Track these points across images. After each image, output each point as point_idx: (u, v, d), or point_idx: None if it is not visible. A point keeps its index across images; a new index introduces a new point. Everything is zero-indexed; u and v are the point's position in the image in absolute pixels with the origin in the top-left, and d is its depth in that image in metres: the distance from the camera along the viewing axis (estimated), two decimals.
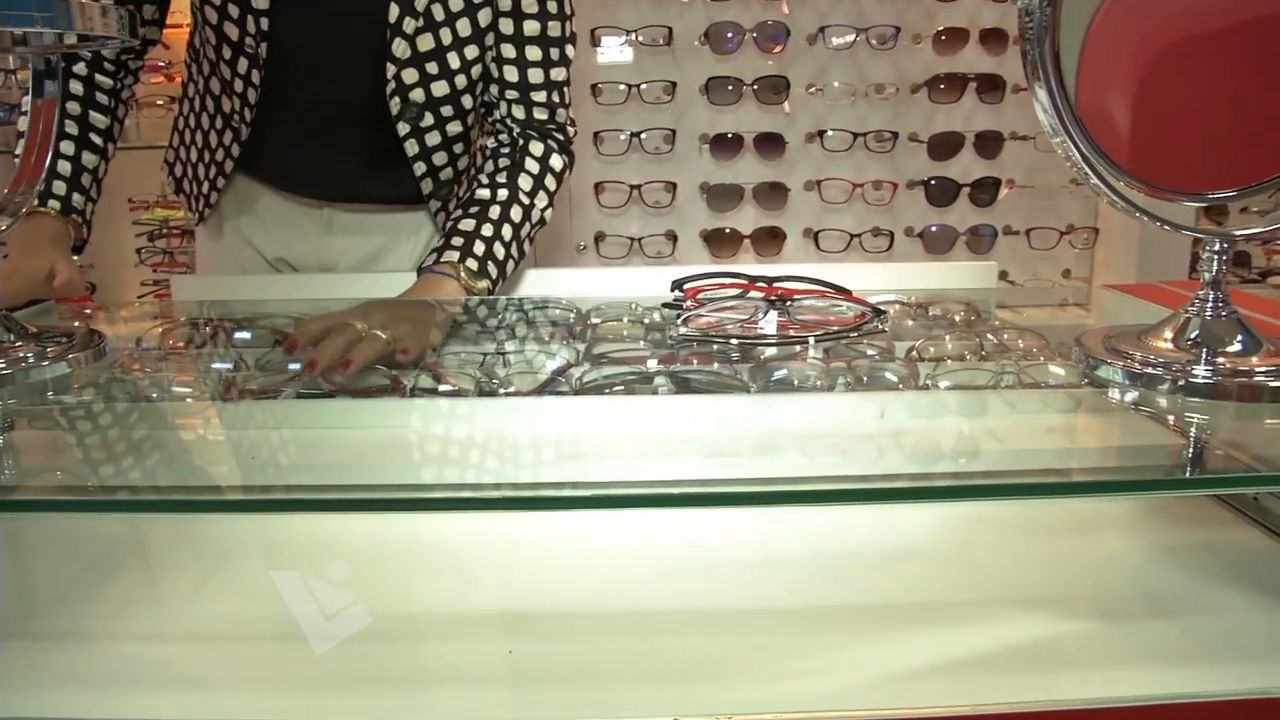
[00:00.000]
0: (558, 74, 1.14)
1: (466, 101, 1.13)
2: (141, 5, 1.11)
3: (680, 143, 2.06)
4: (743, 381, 0.77)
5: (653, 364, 0.81)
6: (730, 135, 2.06)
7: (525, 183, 1.13)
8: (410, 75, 1.08)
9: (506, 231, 1.09)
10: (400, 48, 1.06)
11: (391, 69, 1.07)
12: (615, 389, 0.76)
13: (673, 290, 0.91)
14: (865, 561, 0.68)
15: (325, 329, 0.78)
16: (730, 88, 2.04)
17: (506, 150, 1.15)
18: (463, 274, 1.04)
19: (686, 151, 2.08)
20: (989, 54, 2.12)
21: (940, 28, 2.09)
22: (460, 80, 1.11)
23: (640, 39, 2.00)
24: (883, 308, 0.85)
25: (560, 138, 1.17)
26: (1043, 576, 0.66)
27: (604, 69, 2.04)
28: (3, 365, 0.68)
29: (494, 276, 1.07)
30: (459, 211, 1.11)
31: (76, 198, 1.07)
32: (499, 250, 1.08)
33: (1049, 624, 0.59)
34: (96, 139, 1.09)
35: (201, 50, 1.16)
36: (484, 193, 1.11)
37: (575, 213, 2.08)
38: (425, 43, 1.07)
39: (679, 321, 0.83)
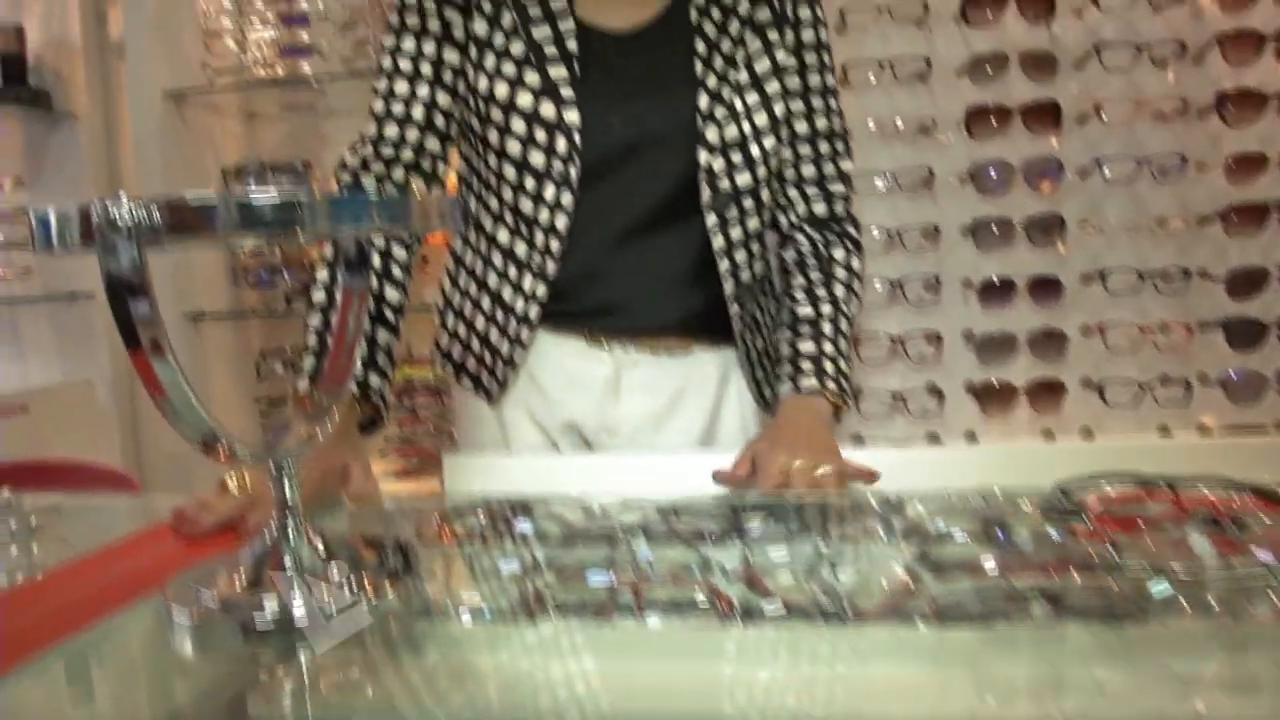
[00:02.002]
0: (847, 166, 1.19)
1: (764, 195, 1.13)
2: (436, 165, 1.11)
3: (945, 289, 1.91)
4: (1141, 608, 0.59)
5: (1023, 581, 0.65)
6: (999, 280, 1.89)
7: (840, 291, 1.15)
8: (719, 163, 1.09)
9: (843, 345, 1.12)
10: (713, 133, 1.08)
11: (704, 155, 1.08)
12: (988, 616, 0.60)
13: (1058, 494, 0.76)
14: None
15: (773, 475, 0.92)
16: (997, 229, 1.89)
17: (812, 261, 1.17)
18: (828, 397, 1.07)
19: (951, 298, 1.92)
20: None
21: (1230, 154, 1.87)
22: (761, 172, 1.11)
23: (900, 181, 1.88)
24: None
25: (854, 233, 1.21)
26: None
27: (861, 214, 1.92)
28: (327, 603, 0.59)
29: (848, 392, 1.10)
30: (789, 333, 1.13)
31: (374, 379, 1.02)
32: (844, 365, 1.11)
33: None
34: (390, 315, 1.05)
35: (483, 203, 1.13)
36: (807, 310, 1.14)
37: None
38: (730, 132, 1.09)
39: (1109, 548, 0.66)
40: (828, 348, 1.10)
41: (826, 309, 1.13)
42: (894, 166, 1.89)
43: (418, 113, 1.09)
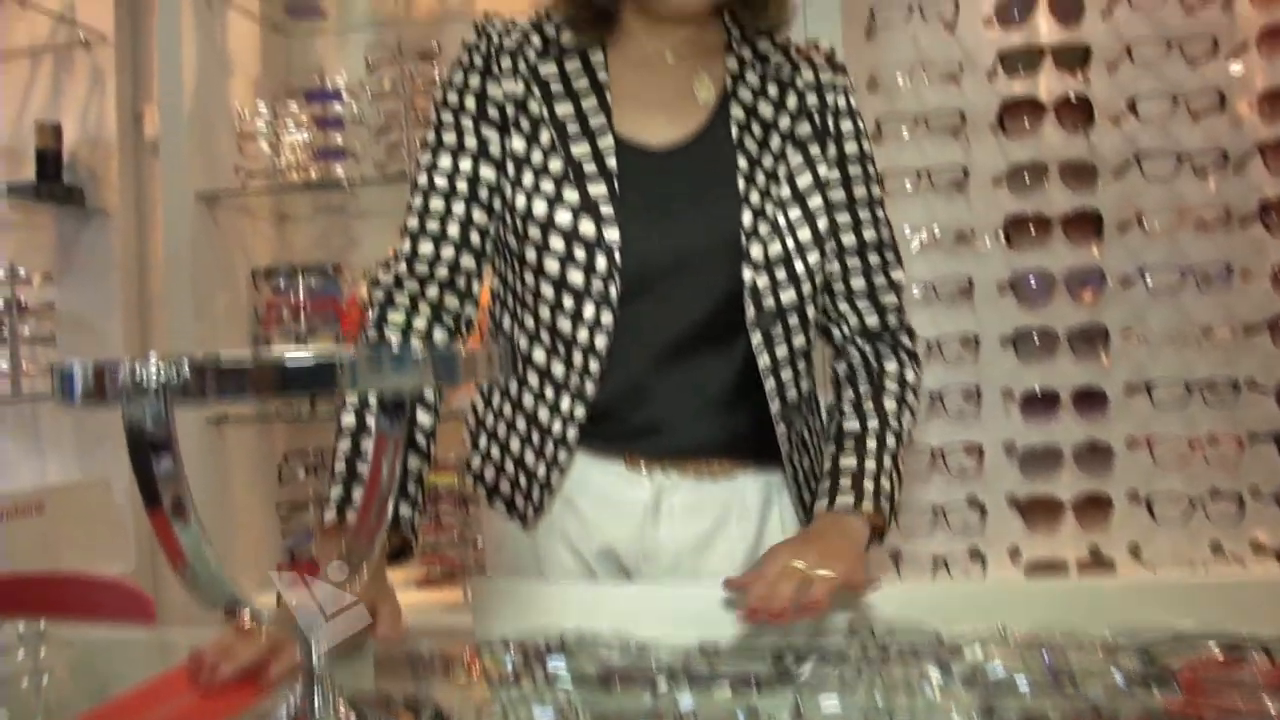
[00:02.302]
0: (897, 275, 1.15)
1: (810, 311, 1.09)
2: (471, 283, 1.09)
3: (985, 400, 1.86)
4: None
5: None
6: (1041, 391, 1.84)
7: (890, 405, 1.10)
8: (763, 280, 1.05)
9: (886, 462, 1.07)
10: (757, 250, 1.04)
11: (749, 272, 1.04)
12: None
13: (1141, 656, 0.70)
14: None
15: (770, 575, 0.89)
16: (1039, 339, 1.84)
17: (863, 374, 1.13)
18: (865, 516, 1.03)
19: (992, 410, 1.87)
20: None
21: (1275, 262, 1.83)
22: (805, 288, 1.07)
23: (938, 291, 1.85)
24: None
25: (908, 344, 1.16)
26: None
27: None
28: None
29: (888, 513, 1.05)
30: (832, 447, 1.09)
31: (404, 508, 0.98)
32: (885, 484, 1.05)
33: None
34: (422, 440, 1.01)
35: (518, 321, 1.10)
36: (852, 424, 1.09)
37: None
38: (775, 248, 1.05)
39: None
40: (869, 464, 1.05)
41: (873, 424, 1.09)
42: (932, 276, 1.85)
43: (453, 230, 1.07)
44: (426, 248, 1.07)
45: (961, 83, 1.86)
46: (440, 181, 1.07)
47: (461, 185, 1.07)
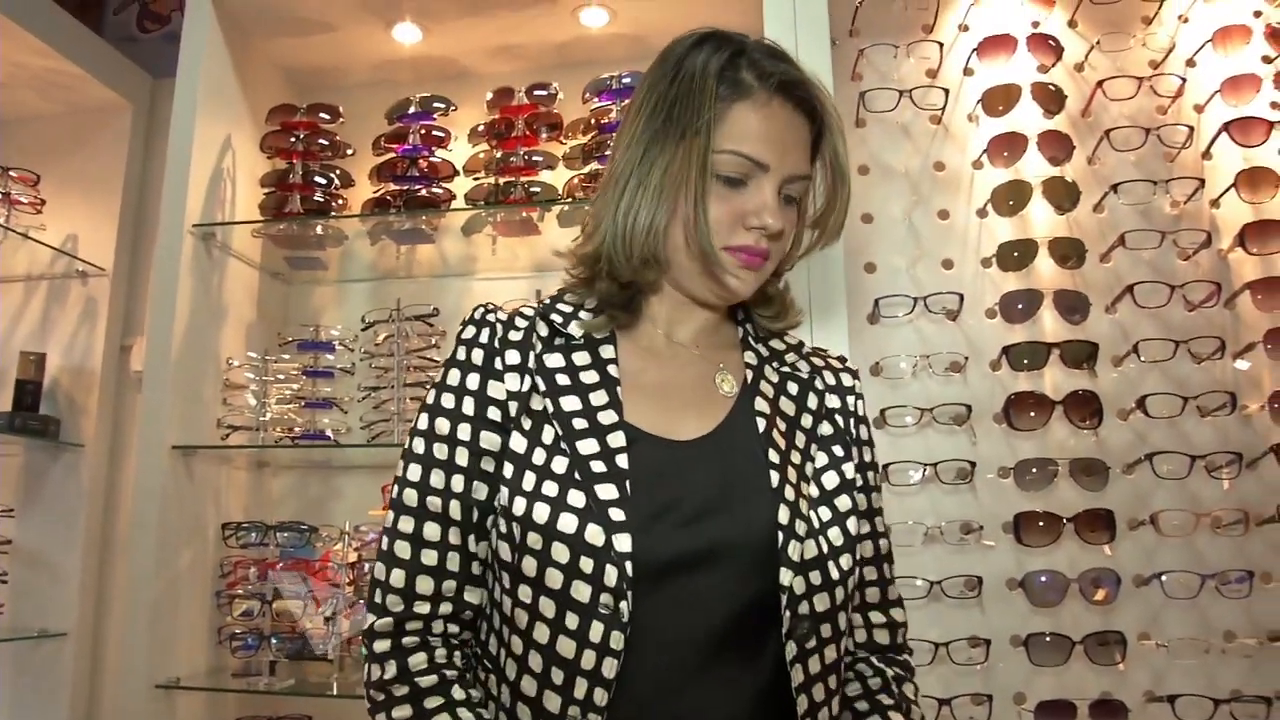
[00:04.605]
0: (897, 592, 1.12)
1: (841, 620, 0.98)
2: (475, 616, 1.00)
3: (996, 708, 1.72)
4: None
5: None
6: (1058, 701, 1.71)
7: None
8: (799, 584, 0.94)
9: None
10: (794, 550, 0.94)
11: (787, 575, 0.93)
12: None
13: None
14: None
15: None
16: (1049, 639, 1.73)
17: (886, 698, 1.05)
18: None
19: (1004, 717, 1.73)
20: None
21: None
22: (839, 593, 0.97)
23: (945, 590, 1.74)
24: None
25: (912, 664, 1.12)
26: None
27: None
28: None
29: None
30: None
31: None
32: None
33: None
34: None
35: (504, 643, 0.97)
36: None
37: None
38: (810, 549, 0.96)
39: None
40: None
41: None
42: (938, 573, 1.75)
43: (453, 563, 0.96)
44: (425, 585, 0.96)
45: (966, 374, 1.83)
46: (432, 502, 0.97)
47: (456, 510, 0.97)
